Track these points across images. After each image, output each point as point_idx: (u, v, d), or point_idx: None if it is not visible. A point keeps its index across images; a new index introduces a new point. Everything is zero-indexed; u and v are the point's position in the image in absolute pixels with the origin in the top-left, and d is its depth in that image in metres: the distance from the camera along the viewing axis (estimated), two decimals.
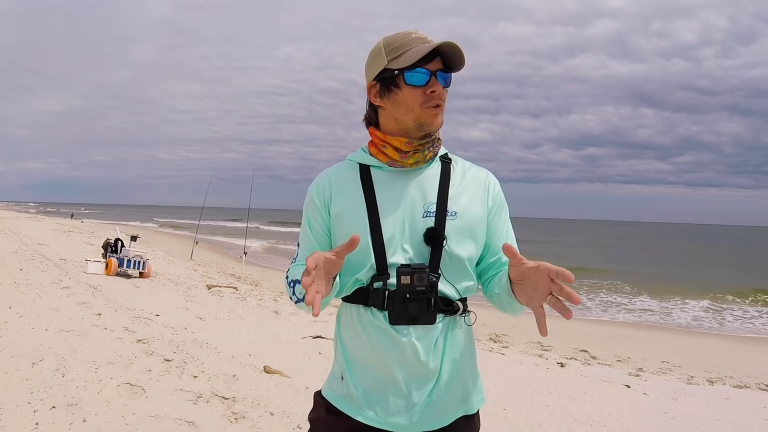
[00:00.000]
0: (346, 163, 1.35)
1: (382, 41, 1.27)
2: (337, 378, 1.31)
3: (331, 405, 1.30)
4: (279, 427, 3.14)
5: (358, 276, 1.25)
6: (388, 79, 1.25)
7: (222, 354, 4.51)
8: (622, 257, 28.66)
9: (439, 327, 1.23)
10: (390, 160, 1.28)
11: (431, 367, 1.23)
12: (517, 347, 7.03)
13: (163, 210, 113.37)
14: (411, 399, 1.23)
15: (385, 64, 1.24)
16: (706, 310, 12.28)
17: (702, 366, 6.85)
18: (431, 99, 1.22)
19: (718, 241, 57.42)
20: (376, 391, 1.25)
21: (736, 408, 4.64)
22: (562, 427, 3.67)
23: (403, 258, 1.23)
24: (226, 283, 9.90)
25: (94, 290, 6.92)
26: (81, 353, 3.97)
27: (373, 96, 1.29)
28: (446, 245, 1.23)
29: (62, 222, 27.21)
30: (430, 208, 1.25)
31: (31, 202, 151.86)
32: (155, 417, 3.05)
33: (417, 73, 1.21)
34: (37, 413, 2.89)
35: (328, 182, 1.33)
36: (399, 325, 1.21)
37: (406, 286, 1.18)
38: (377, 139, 1.30)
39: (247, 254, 13.14)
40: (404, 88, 1.23)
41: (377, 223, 1.24)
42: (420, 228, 1.24)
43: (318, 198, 1.32)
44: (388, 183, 1.28)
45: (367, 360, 1.26)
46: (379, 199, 1.26)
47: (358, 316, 1.26)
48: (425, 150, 1.27)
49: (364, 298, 1.25)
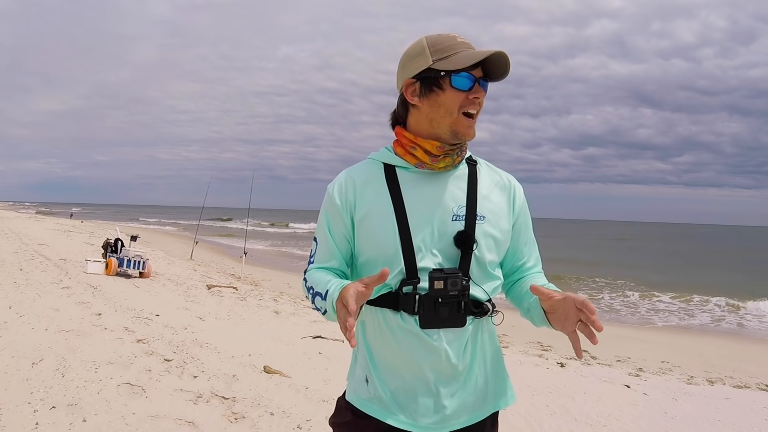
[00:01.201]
0: (369, 162, 1.33)
1: (425, 40, 1.25)
2: (362, 381, 1.29)
3: (358, 409, 1.28)
4: (279, 427, 3.14)
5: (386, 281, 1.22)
6: (432, 79, 1.23)
7: (222, 354, 4.51)
8: (624, 257, 28.68)
9: (469, 329, 1.24)
10: (418, 162, 1.26)
11: (460, 369, 1.23)
12: (517, 347, 7.02)
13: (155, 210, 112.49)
14: (440, 400, 1.23)
15: (430, 64, 1.22)
16: (712, 309, 12.28)
17: (702, 366, 6.85)
18: (472, 104, 1.22)
19: (721, 242, 57.41)
20: (405, 393, 1.24)
21: (736, 408, 4.64)
22: (562, 427, 3.67)
23: (432, 262, 1.22)
24: (226, 283, 9.90)
25: (94, 290, 6.92)
26: (81, 353, 3.97)
27: (410, 94, 1.27)
28: (476, 249, 1.23)
29: (62, 222, 27.22)
30: (460, 212, 1.25)
31: (32, 202, 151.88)
32: (155, 417, 3.05)
33: (463, 78, 1.21)
34: (37, 413, 2.89)
35: (351, 184, 1.29)
36: (430, 329, 1.21)
37: (439, 290, 1.18)
38: (406, 139, 1.28)
39: (247, 254, 13.13)
40: (448, 90, 1.22)
41: (406, 227, 1.22)
42: (450, 232, 1.23)
43: (340, 200, 1.29)
44: (416, 185, 1.26)
45: (396, 363, 1.24)
46: (406, 202, 1.24)
47: (386, 320, 1.25)
48: (455, 154, 1.27)
49: (392, 303, 1.23)
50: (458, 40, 1.23)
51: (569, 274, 17.34)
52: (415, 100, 1.26)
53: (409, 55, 1.27)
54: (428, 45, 1.24)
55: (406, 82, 1.27)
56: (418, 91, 1.25)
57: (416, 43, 1.27)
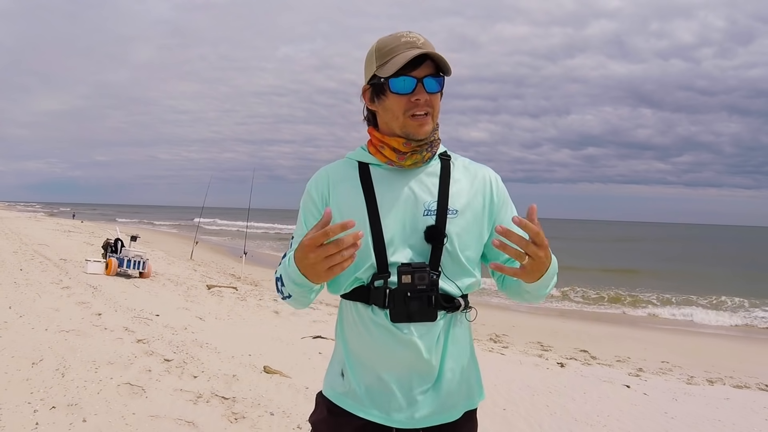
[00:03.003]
0: (345, 161, 1.35)
1: (374, 44, 1.27)
2: (337, 375, 1.31)
3: (333, 404, 1.29)
4: (279, 427, 3.14)
5: (357, 275, 1.24)
6: (377, 85, 1.25)
7: (222, 354, 4.50)
8: (624, 257, 28.67)
9: (441, 324, 1.24)
10: (388, 160, 1.28)
11: (433, 364, 1.23)
12: (517, 347, 7.02)
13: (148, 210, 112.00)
14: (413, 396, 1.23)
15: (374, 70, 1.24)
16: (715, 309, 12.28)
17: (702, 366, 6.85)
18: (415, 106, 1.22)
19: (721, 243, 57.43)
20: (379, 388, 1.25)
21: (736, 408, 4.64)
22: (562, 427, 3.67)
23: (403, 257, 1.23)
24: (226, 283, 9.90)
25: (94, 290, 6.92)
26: (81, 353, 3.97)
27: (367, 100, 1.30)
28: (447, 243, 1.23)
29: (62, 222, 27.22)
30: (431, 207, 1.25)
31: (31, 202, 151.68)
32: (155, 417, 3.05)
33: (401, 81, 1.21)
34: (37, 413, 2.89)
35: (326, 178, 1.32)
36: (400, 323, 1.21)
37: (407, 284, 1.19)
38: (375, 139, 1.30)
39: (247, 254, 13.14)
40: (390, 95, 1.23)
41: (377, 222, 1.24)
42: (420, 226, 1.24)
43: (316, 194, 1.32)
44: (388, 181, 1.28)
45: (369, 357, 1.26)
46: (378, 198, 1.26)
47: (359, 314, 1.27)
48: (423, 151, 1.27)
49: (364, 296, 1.25)
50: (402, 41, 1.22)
51: (568, 273, 17.32)
52: (371, 105, 1.29)
53: (365, 61, 1.30)
54: (375, 50, 1.26)
55: (363, 88, 1.30)
56: (370, 97, 1.28)
57: (370, 48, 1.28)
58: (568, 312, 11.68)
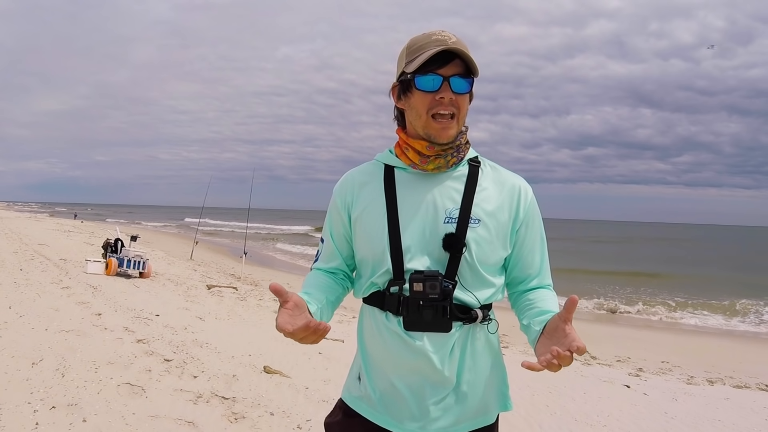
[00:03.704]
0: (373, 163, 1.33)
1: (408, 41, 1.24)
2: (355, 379, 1.31)
3: (348, 407, 1.29)
4: (279, 427, 3.14)
5: (373, 279, 1.23)
6: (404, 82, 1.22)
7: (222, 354, 4.50)
8: (624, 257, 28.66)
9: (456, 335, 1.20)
10: (412, 163, 1.25)
11: (447, 375, 1.20)
12: (517, 347, 7.02)
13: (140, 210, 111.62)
14: (426, 406, 1.21)
15: (404, 66, 1.22)
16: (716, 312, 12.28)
17: (702, 366, 6.85)
18: (439, 105, 1.18)
19: (722, 243, 57.40)
20: (393, 396, 1.23)
21: (736, 408, 4.64)
22: (562, 427, 3.67)
23: (420, 264, 1.19)
24: (226, 283, 9.90)
25: (94, 290, 6.92)
26: (81, 353, 3.97)
27: (395, 97, 1.27)
28: (465, 253, 1.19)
29: (62, 222, 27.21)
30: (453, 214, 1.21)
31: (32, 202, 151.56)
32: (155, 417, 3.05)
33: (427, 78, 1.17)
34: (37, 413, 2.89)
35: (351, 184, 1.31)
36: (413, 332, 1.19)
37: (419, 293, 1.16)
38: (401, 140, 1.28)
39: (247, 254, 13.13)
40: (415, 92, 1.20)
41: (396, 227, 1.21)
42: (440, 234, 1.20)
43: (340, 200, 1.31)
44: (412, 185, 1.25)
45: (385, 364, 1.24)
46: (400, 203, 1.23)
47: (375, 320, 1.25)
48: (447, 156, 1.23)
49: (380, 302, 1.23)
50: (433, 38, 1.18)
51: (566, 273, 17.32)
52: (398, 103, 1.27)
53: (397, 59, 1.28)
54: (406, 47, 1.23)
55: (392, 85, 1.28)
56: (398, 94, 1.26)
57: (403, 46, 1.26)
58: None
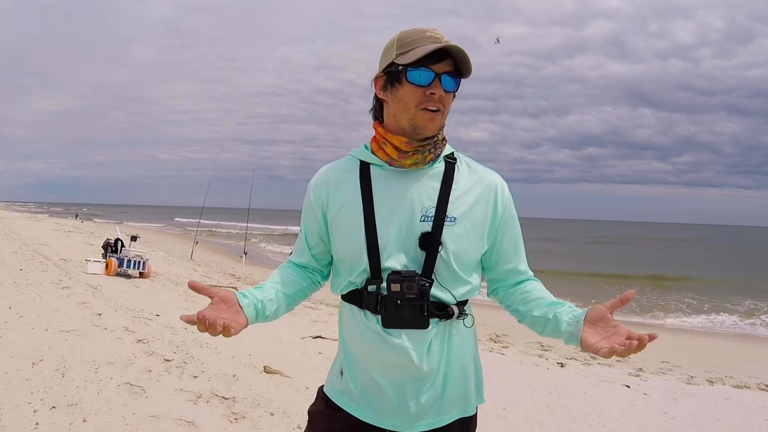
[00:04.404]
0: (348, 159, 1.32)
1: (398, 34, 1.24)
2: (338, 373, 1.32)
3: (330, 400, 1.31)
4: (279, 427, 3.14)
5: (351, 278, 1.24)
6: (393, 73, 1.21)
7: (222, 354, 4.50)
8: (623, 257, 28.67)
9: (433, 331, 1.21)
10: (389, 158, 1.24)
11: (425, 370, 1.21)
12: (517, 347, 7.03)
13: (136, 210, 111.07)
14: (405, 400, 1.23)
15: (393, 58, 1.21)
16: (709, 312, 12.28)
17: (702, 366, 6.85)
18: (429, 101, 1.18)
19: (722, 243, 57.38)
20: (373, 391, 1.25)
21: (736, 408, 4.64)
22: (562, 427, 3.67)
23: (397, 263, 1.20)
24: (226, 283, 9.90)
25: (94, 290, 6.92)
26: (81, 353, 3.97)
27: (378, 88, 1.26)
28: (441, 251, 1.20)
29: (62, 222, 27.21)
30: (429, 212, 1.21)
31: (32, 202, 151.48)
32: (155, 417, 3.05)
33: (420, 72, 1.17)
34: (37, 413, 2.89)
35: (326, 182, 1.30)
36: (392, 329, 1.20)
37: (396, 293, 1.17)
38: (379, 135, 1.27)
39: (247, 254, 13.14)
40: (405, 85, 1.19)
41: (373, 227, 1.21)
42: (416, 232, 1.20)
43: (315, 198, 1.31)
44: (387, 183, 1.25)
45: (365, 359, 1.26)
46: (376, 201, 1.23)
47: (354, 316, 1.26)
48: (425, 151, 1.23)
49: (358, 300, 1.24)
50: (426, 34, 1.18)
51: (565, 274, 17.32)
52: (381, 94, 1.25)
53: (383, 50, 1.26)
54: (397, 39, 1.22)
55: (376, 75, 1.26)
56: (383, 86, 1.25)
57: (391, 38, 1.25)
58: None
